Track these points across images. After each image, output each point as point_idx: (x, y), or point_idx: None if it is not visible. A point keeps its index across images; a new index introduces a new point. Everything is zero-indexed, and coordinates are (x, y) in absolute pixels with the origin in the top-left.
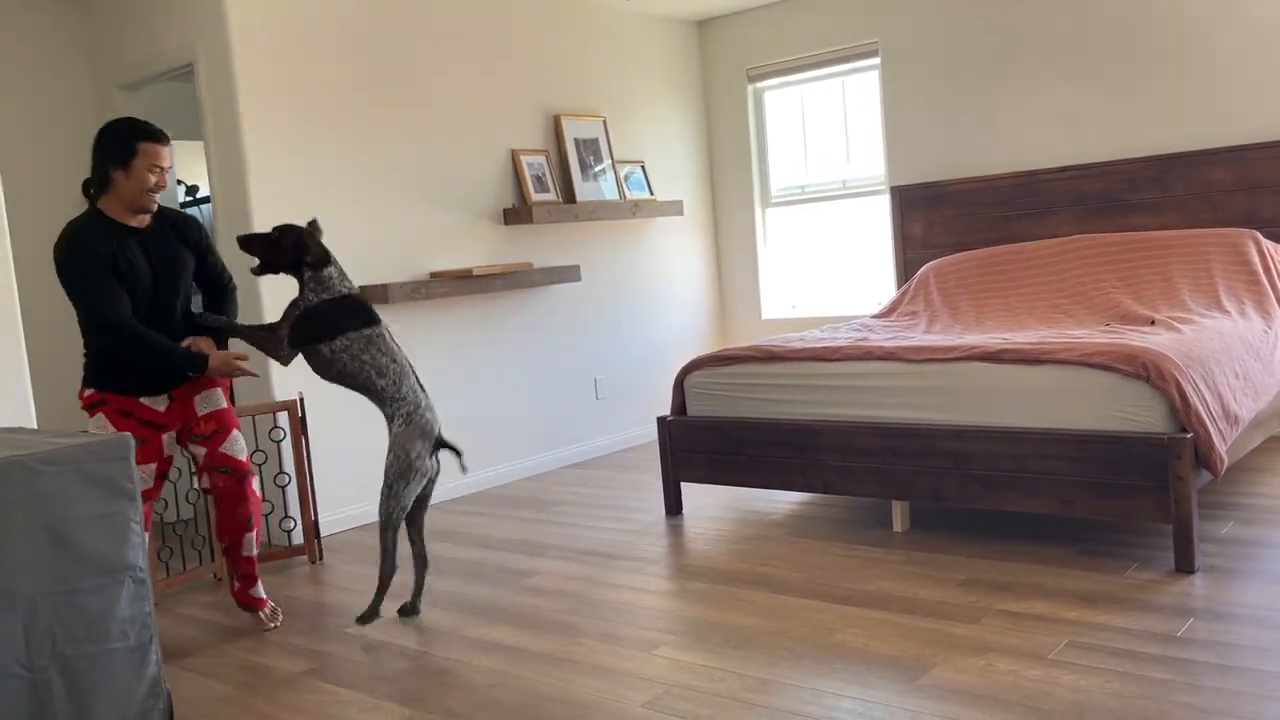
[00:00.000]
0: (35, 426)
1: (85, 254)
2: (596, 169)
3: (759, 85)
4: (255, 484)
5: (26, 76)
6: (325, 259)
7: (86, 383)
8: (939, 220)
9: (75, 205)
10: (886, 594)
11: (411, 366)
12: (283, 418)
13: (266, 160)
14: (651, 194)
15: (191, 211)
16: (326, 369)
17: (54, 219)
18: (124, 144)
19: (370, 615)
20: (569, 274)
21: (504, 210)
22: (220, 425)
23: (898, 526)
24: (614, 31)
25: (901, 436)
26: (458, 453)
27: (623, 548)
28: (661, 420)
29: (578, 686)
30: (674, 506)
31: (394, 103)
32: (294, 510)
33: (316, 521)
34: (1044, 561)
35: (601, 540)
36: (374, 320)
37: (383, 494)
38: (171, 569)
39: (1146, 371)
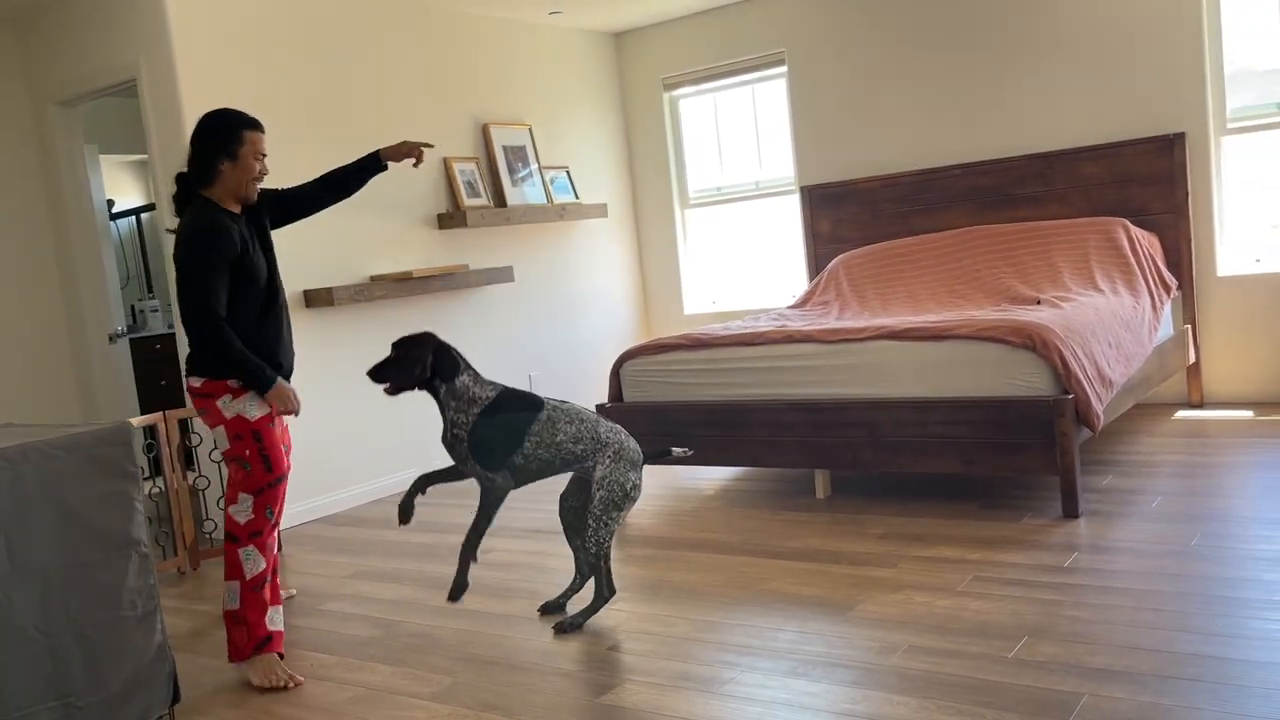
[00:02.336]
0: None
1: (220, 242)
2: (523, 174)
3: (674, 93)
4: None
5: None
6: (455, 368)
7: (219, 375)
8: (845, 217)
9: (10, 219)
10: (813, 549)
11: (593, 411)
12: None
13: None
14: (577, 197)
15: (110, 226)
16: (528, 476)
17: None
18: (230, 133)
19: (574, 626)
20: (503, 275)
21: (439, 215)
22: (289, 442)
23: (820, 493)
24: (537, 45)
25: (820, 411)
26: (670, 452)
27: None
28: (600, 407)
29: (546, 639)
30: None
31: (333, 116)
32: None
33: None
34: (950, 515)
35: (547, 520)
36: (539, 404)
37: (592, 528)
38: None
39: (1032, 342)
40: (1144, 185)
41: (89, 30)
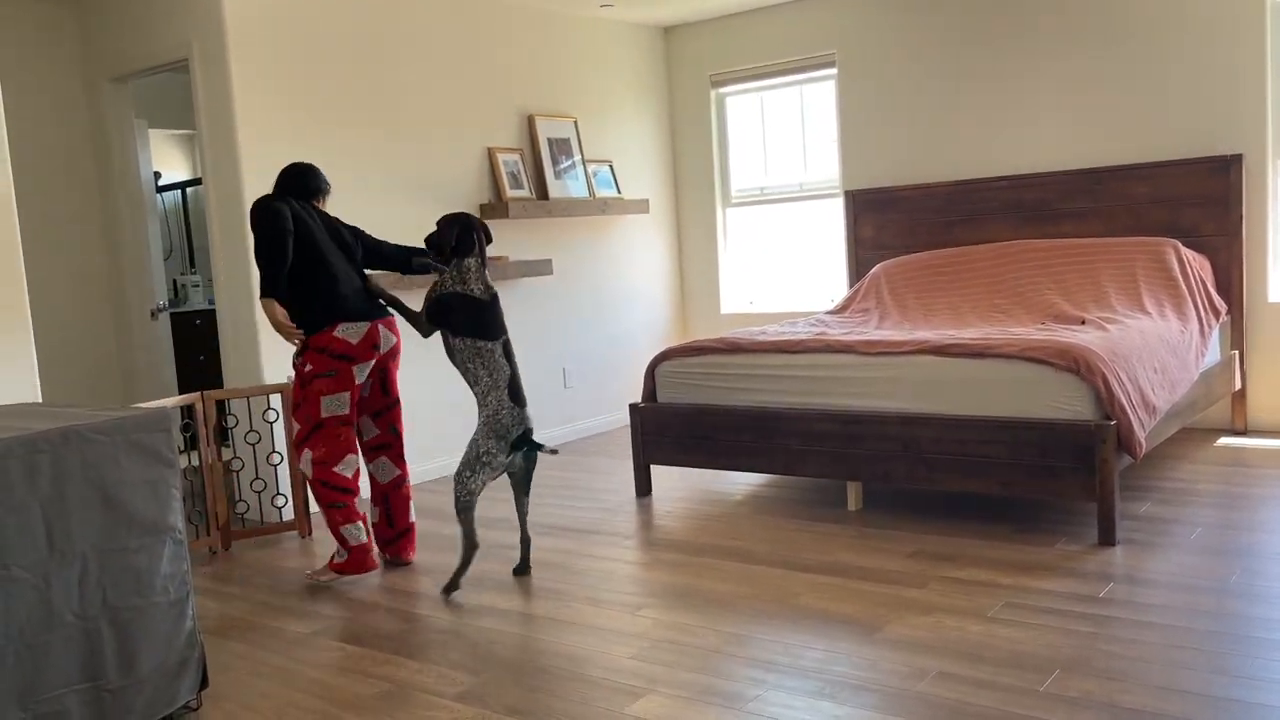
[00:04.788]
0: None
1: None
2: (566, 165)
3: (721, 91)
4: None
5: (17, 66)
6: (470, 250)
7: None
8: (889, 223)
9: (62, 193)
10: (843, 563)
11: (510, 380)
12: (275, 399)
13: (258, 154)
14: (619, 192)
15: (156, 200)
16: (450, 355)
17: (41, 207)
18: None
19: (451, 587)
20: (542, 267)
21: (481, 205)
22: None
23: (852, 505)
24: (585, 37)
25: (856, 423)
26: (545, 448)
27: (598, 524)
28: (633, 407)
29: (571, 643)
30: (644, 487)
31: (379, 102)
32: (285, 488)
33: (307, 499)
34: (983, 536)
35: (577, 518)
36: (491, 336)
37: (455, 480)
38: None
39: (1076, 365)
40: (1196, 206)
41: (144, 9)
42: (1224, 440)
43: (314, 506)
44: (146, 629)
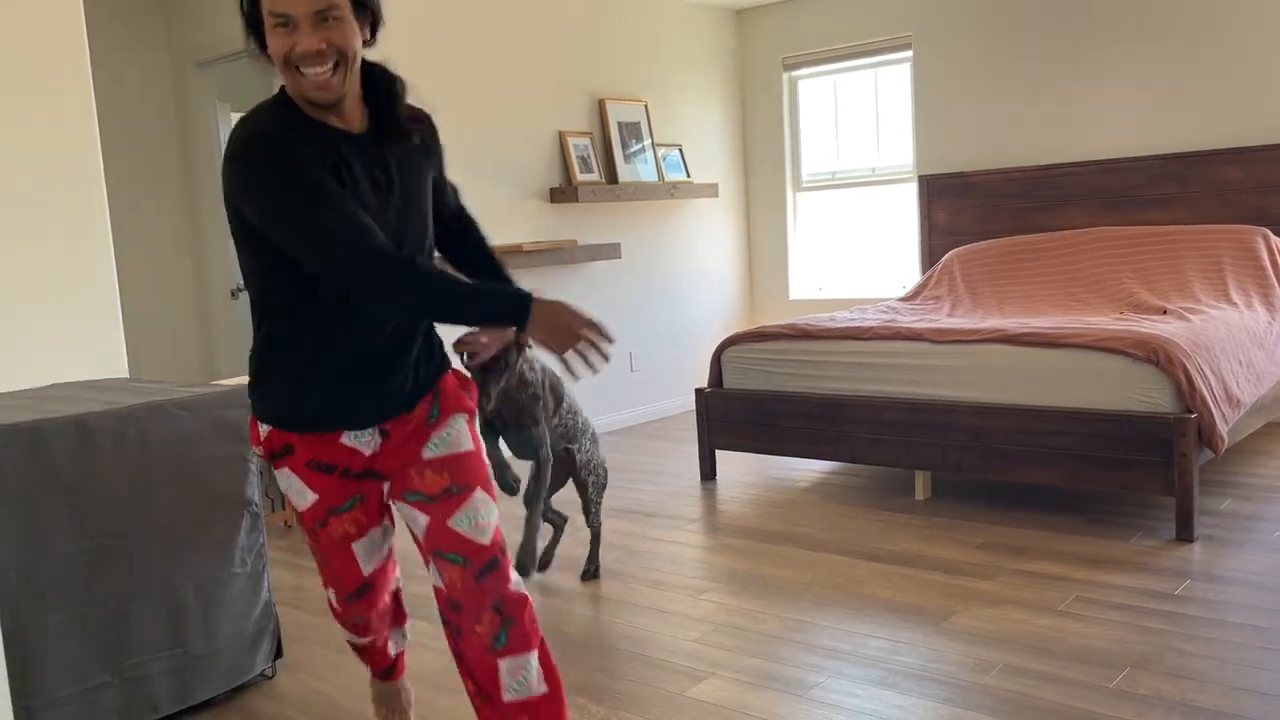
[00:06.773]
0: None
1: (285, 152)
2: (636, 149)
3: (794, 74)
4: (514, 580)
5: (109, 53)
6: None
7: (258, 412)
8: (963, 209)
9: (148, 176)
10: (910, 553)
11: None
12: None
13: None
14: (688, 176)
15: None
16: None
17: (130, 192)
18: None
19: (593, 573)
20: (610, 251)
21: (550, 189)
22: (455, 481)
23: (919, 494)
24: (656, 19)
25: (925, 411)
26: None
27: (662, 507)
28: (699, 391)
29: (635, 625)
30: (709, 472)
31: (450, 86)
32: None
33: None
34: (1055, 529)
35: (641, 500)
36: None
37: (594, 512)
38: None
39: (1156, 356)
40: None
41: None
42: None
43: None
44: (225, 599)
